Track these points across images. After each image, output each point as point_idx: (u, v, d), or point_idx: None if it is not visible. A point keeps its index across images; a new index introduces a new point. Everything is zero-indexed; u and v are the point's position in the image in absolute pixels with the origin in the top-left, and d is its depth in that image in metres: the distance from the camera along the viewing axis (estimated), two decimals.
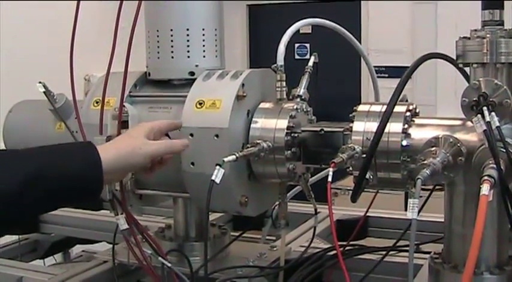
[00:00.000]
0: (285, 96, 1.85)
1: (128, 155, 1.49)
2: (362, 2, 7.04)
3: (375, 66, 2.25)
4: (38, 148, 1.42)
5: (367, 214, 2.25)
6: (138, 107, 1.90)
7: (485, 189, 1.29)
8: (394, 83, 1.55)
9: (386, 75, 6.12)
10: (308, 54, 7.10)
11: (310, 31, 6.28)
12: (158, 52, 1.94)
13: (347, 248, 2.07)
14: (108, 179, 1.44)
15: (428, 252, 1.79)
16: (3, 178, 1.27)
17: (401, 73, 1.56)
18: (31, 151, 1.40)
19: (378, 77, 2.25)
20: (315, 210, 1.99)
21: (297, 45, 7.12)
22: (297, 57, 7.07)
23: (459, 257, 1.61)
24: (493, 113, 1.43)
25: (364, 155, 1.57)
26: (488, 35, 1.53)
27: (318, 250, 2.04)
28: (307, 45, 7.11)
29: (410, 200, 1.32)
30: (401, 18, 6.75)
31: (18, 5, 5.00)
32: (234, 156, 1.62)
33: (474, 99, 1.48)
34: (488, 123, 1.41)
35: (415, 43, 6.62)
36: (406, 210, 1.38)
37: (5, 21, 4.84)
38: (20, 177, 1.28)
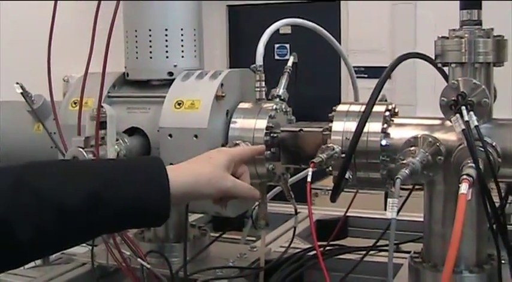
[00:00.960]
0: (264, 97, 1.84)
1: (203, 184, 1.35)
2: (341, 2, 7.05)
3: (354, 67, 2.26)
4: (104, 162, 1.33)
5: (347, 214, 2.26)
6: (116, 108, 1.88)
7: (463, 188, 1.29)
8: (373, 83, 1.55)
9: (366, 76, 6.13)
10: (288, 54, 7.11)
11: (290, 31, 6.28)
12: (136, 52, 1.93)
13: (327, 248, 2.07)
14: (176, 203, 1.29)
15: (408, 252, 1.80)
16: (69, 193, 1.16)
17: (380, 73, 1.56)
18: (96, 165, 1.29)
19: (358, 77, 2.25)
20: (295, 210, 1.99)
21: (277, 45, 7.13)
22: (276, 57, 7.07)
23: (439, 256, 1.61)
24: (471, 113, 1.43)
25: (344, 155, 1.57)
26: (466, 35, 1.53)
27: (298, 250, 2.04)
28: (287, 45, 7.12)
29: (389, 200, 1.32)
30: (380, 19, 6.76)
31: None
32: None
33: (453, 98, 1.48)
34: (466, 123, 1.41)
35: (395, 43, 6.65)
36: (386, 209, 1.38)
37: None
38: (85, 192, 1.16)
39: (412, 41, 6.38)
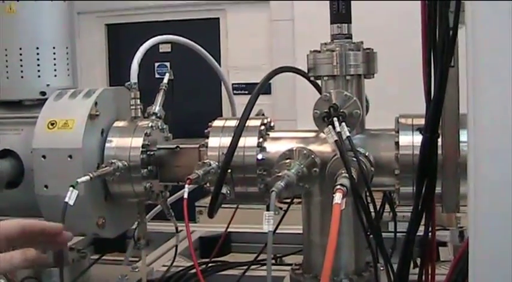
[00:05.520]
0: (140, 114, 1.82)
1: None
2: (220, 20, 7.09)
3: (235, 84, 2.28)
4: None
5: (231, 230, 2.25)
6: None
7: (337, 198, 1.31)
8: None
9: (247, 92, 6.17)
10: None
11: (170, 50, 6.25)
12: (7, 72, 1.88)
13: (209, 264, 2.06)
14: None
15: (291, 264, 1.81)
16: None
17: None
18: None
19: (239, 93, 2.28)
20: (176, 228, 1.97)
21: (157, 64, 7.07)
22: (157, 76, 7.02)
23: (319, 267, 1.61)
24: (343, 124, 1.46)
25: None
26: (337, 48, 1.57)
27: (180, 268, 2.02)
28: (167, 63, 7.08)
29: (265, 213, 1.32)
30: (259, 36, 6.84)
31: None
32: (88, 177, 1.58)
33: (325, 110, 1.51)
34: (338, 134, 1.44)
35: (274, 60, 6.72)
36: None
37: None
38: None
39: (291, 57, 6.46)
